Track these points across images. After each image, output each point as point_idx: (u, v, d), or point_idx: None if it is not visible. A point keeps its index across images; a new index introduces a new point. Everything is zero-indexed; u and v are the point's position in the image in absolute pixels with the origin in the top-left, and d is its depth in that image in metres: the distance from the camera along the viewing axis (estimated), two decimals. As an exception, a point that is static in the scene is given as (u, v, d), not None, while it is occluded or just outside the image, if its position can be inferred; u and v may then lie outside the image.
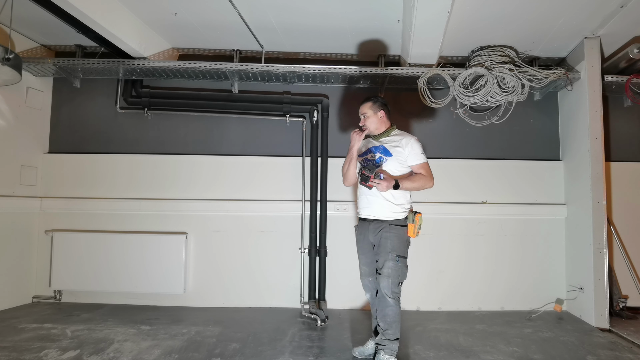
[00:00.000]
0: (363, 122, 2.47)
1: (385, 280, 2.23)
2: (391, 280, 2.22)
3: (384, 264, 2.25)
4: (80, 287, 3.40)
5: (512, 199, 3.51)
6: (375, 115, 2.44)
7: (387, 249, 2.26)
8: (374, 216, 2.35)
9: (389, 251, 2.26)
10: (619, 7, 2.75)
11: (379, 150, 2.39)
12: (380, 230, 2.31)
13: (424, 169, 2.36)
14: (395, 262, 2.24)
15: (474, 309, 3.42)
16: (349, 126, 3.57)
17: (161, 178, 3.53)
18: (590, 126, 3.12)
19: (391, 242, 2.27)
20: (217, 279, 3.46)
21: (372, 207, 2.35)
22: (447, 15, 2.61)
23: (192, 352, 2.42)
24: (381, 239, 2.29)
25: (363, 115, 2.47)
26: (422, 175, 2.35)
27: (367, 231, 2.38)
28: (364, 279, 2.46)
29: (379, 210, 2.33)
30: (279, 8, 2.85)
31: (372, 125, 2.44)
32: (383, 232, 2.29)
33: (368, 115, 2.45)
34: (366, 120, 2.45)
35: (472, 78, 3.26)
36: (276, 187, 3.50)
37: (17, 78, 2.87)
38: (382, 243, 2.29)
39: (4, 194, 3.21)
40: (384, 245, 2.28)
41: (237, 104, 3.56)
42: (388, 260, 2.24)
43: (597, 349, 2.55)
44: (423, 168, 2.36)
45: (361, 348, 2.44)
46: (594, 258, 3.03)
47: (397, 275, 2.24)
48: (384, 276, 2.23)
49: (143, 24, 3.14)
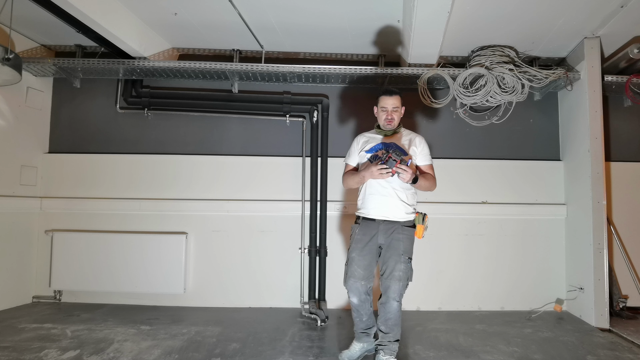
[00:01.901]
0: (391, 114, 2.31)
1: (396, 283, 2.16)
2: (402, 283, 2.17)
3: (394, 266, 2.17)
4: (80, 287, 3.40)
5: (512, 199, 3.51)
6: (401, 108, 2.35)
7: (400, 251, 2.20)
8: (386, 217, 2.25)
9: (401, 254, 2.19)
10: (619, 7, 2.75)
11: (392, 148, 2.26)
12: (392, 231, 2.23)
13: (432, 171, 2.34)
14: (406, 264, 2.19)
15: (474, 309, 3.42)
16: (349, 126, 3.57)
17: (161, 178, 3.53)
18: (590, 126, 3.12)
19: (403, 244, 2.22)
20: (217, 279, 3.46)
21: (385, 207, 2.25)
22: (447, 15, 2.60)
23: (192, 352, 2.42)
24: (392, 240, 2.22)
25: (394, 108, 2.31)
26: (431, 176, 2.32)
27: (375, 232, 2.27)
28: (355, 282, 2.25)
29: (392, 211, 2.25)
30: (279, 8, 2.85)
31: (398, 119, 2.35)
32: (395, 234, 2.23)
33: (397, 107, 2.32)
34: (394, 113, 2.31)
35: (472, 78, 3.26)
36: (276, 187, 3.50)
37: (17, 78, 2.87)
38: (393, 245, 2.21)
39: (4, 194, 3.21)
40: (395, 248, 2.21)
41: (237, 104, 3.56)
42: (400, 263, 2.18)
43: (597, 349, 2.55)
44: (432, 169, 2.34)
45: (348, 352, 2.34)
46: (594, 258, 3.03)
47: (407, 278, 2.20)
48: (396, 280, 2.16)
49: (143, 24, 3.14)
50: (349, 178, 2.39)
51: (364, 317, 2.33)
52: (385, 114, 2.34)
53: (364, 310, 2.31)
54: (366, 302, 2.30)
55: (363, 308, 2.30)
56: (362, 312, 2.31)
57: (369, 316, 2.34)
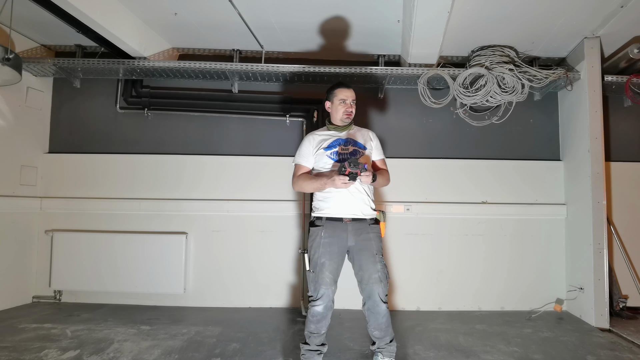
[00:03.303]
0: (351, 108, 2.25)
1: (378, 285, 2.07)
2: (383, 284, 2.08)
3: (372, 268, 2.08)
4: (80, 287, 3.40)
5: (512, 199, 3.51)
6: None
7: (373, 251, 2.11)
8: (355, 214, 2.14)
9: (375, 254, 2.11)
10: (619, 7, 2.75)
11: (350, 143, 2.23)
12: (362, 231, 2.13)
13: (385, 165, 2.32)
14: (382, 264, 2.13)
15: (474, 309, 3.42)
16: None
17: (161, 178, 3.53)
18: (590, 126, 3.12)
19: (375, 243, 2.13)
20: (217, 279, 3.46)
21: (352, 204, 2.13)
22: (447, 15, 2.61)
23: (192, 352, 2.42)
24: (363, 241, 2.12)
25: (354, 101, 2.27)
26: (386, 171, 2.29)
27: (345, 234, 2.13)
28: (327, 289, 2.06)
29: (361, 208, 2.15)
30: (279, 7, 2.85)
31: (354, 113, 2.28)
32: (364, 234, 2.13)
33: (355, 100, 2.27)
34: (354, 107, 2.27)
35: (472, 78, 3.26)
36: (276, 187, 3.50)
37: (17, 78, 2.87)
38: (365, 246, 2.11)
39: (4, 194, 3.21)
40: (368, 248, 2.11)
41: (237, 104, 3.56)
42: (376, 264, 2.09)
43: (597, 349, 2.55)
44: (385, 164, 2.32)
45: None
46: (594, 258, 3.03)
47: (386, 277, 2.11)
48: (377, 282, 2.06)
49: (143, 24, 3.14)
50: (304, 182, 2.20)
51: (323, 330, 2.12)
52: (345, 107, 2.23)
53: (326, 322, 2.12)
54: (330, 311, 2.11)
55: (326, 319, 2.11)
56: (322, 324, 2.11)
57: (326, 328, 2.14)
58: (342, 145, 2.21)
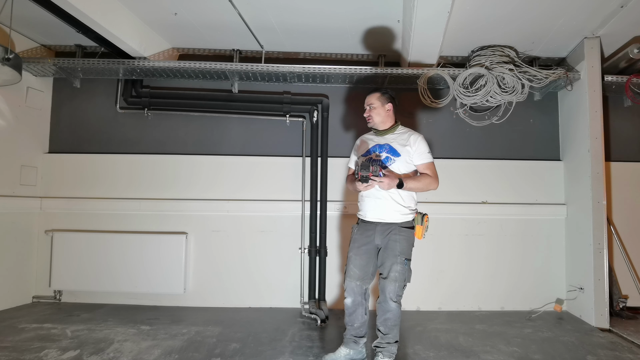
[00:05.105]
0: (368, 112, 2.35)
1: (392, 284, 2.15)
2: (398, 284, 2.16)
3: (391, 267, 2.17)
4: (80, 287, 3.40)
5: (512, 199, 3.51)
6: (382, 107, 2.34)
7: (396, 252, 2.18)
8: (382, 219, 2.25)
9: (397, 255, 2.18)
10: (619, 7, 2.75)
11: (385, 149, 2.28)
12: (389, 232, 2.22)
13: (430, 170, 2.28)
14: (403, 265, 2.18)
15: (474, 309, 3.42)
16: (349, 126, 3.57)
17: (161, 178, 3.53)
18: (590, 126, 3.12)
19: (400, 245, 2.20)
20: (217, 279, 3.46)
21: (380, 210, 2.25)
22: (447, 15, 2.60)
23: (192, 352, 2.42)
24: (389, 241, 2.21)
25: (369, 105, 2.36)
26: (427, 176, 2.27)
27: (372, 233, 2.26)
28: (351, 282, 2.25)
29: (387, 214, 2.24)
30: (279, 8, 2.85)
31: (378, 118, 2.34)
32: (392, 235, 2.22)
33: (375, 106, 2.33)
34: (372, 112, 2.33)
35: (472, 78, 3.26)
36: (276, 187, 3.50)
37: (17, 78, 2.87)
38: (390, 246, 2.20)
39: (4, 194, 3.21)
40: (392, 248, 2.19)
41: (237, 104, 3.56)
42: (396, 264, 2.17)
43: (597, 349, 2.55)
44: (429, 168, 2.28)
45: (333, 356, 2.27)
46: (594, 258, 3.03)
47: (404, 279, 2.19)
48: (391, 280, 2.15)
49: (143, 24, 3.14)
50: (347, 184, 2.50)
51: (356, 324, 2.27)
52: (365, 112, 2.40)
53: (356, 316, 2.26)
54: (360, 306, 2.26)
55: (356, 313, 2.25)
56: (354, 317, 2.26)
57: (361, 324, 2.28)
58: (377, 152, 2.30)
